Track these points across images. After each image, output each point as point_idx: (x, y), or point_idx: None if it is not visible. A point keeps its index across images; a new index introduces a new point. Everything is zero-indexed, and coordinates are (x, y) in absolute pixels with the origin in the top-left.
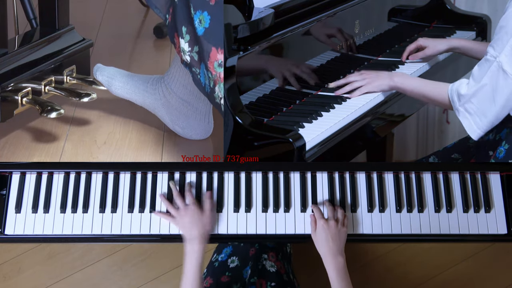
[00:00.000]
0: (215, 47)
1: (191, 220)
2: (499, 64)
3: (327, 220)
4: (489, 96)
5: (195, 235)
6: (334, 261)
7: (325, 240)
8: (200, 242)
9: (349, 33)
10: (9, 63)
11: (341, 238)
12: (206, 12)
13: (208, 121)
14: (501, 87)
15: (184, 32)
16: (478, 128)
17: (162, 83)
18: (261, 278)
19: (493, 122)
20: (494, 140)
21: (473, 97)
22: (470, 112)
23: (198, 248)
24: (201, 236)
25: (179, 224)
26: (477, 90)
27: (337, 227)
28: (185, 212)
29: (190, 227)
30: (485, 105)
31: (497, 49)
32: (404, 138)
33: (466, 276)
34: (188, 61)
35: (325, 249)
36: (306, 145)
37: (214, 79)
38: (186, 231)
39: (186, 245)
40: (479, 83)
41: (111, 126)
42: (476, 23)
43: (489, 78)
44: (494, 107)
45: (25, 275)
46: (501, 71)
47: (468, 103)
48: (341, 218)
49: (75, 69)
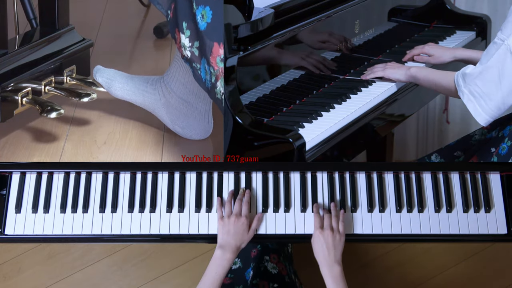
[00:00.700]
0: (217, 42)
1: (236, 231)
2: (507, 47)
3: (323, 229)
4: (495, 79)
5: (233, 245)
6: (330, 270)
7: (320, 250)
8: (233, 252)
9: (349, 33)
10: (9, 63)
11: (337, 247)
12: (208, 7)
13: (208, 121)
14: (508, 70)
15: (184, 27)
16: (483, 112)
17: (162, 83)
18: (263, 279)
19: (499, 107)
20: (497, 137)
21: (478, 78)
22: (474, 95)
23: (230, 257)
24: (237, 248)
25: (224, 228)
26: (482, 71)
27: (333, 235)
28: (236, 221)
29: (232, 237)
30: (491, 87)
31: (505, 31)
32: (404, 138)
33: (466, 276)
34: (188, 56)
35: (320, 258)
36: (306, 145)
37: (216, 74)
38: (226, 237)
39: (217, 251)
40: (485, 64)
41: (111, 126)
42: (476, 23)
43: (496, 60)
44: (500, 90)
45: (25, 275)
46: (509, 53)
47: (473, 85)
48: (335, 226)
49: (75, 69)
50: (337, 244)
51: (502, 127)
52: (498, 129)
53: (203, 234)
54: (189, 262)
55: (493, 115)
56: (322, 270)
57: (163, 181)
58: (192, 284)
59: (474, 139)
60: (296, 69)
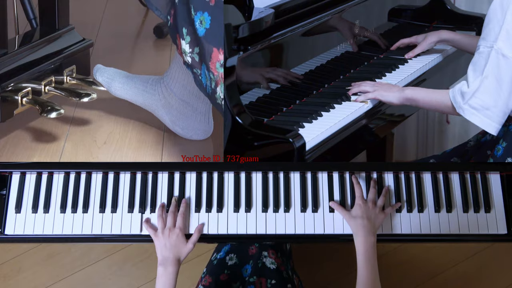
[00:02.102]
0: (216, 47)
1: (172, 244)
2: (498, 51)
3: (367, 201)
4: (494, 85)
5: (171, 258)
6: (365, 239)
7: (360, 217)
8: (175, 265)
9: (349, 33)
10: (9, 63)
11: (375, 220)
12: (206, 13)
13: (208, 121)
14: (504, 73)
15: (184, 33)
16: (491, 120)
17: (162, 84)
18: (261, 276)
19: (505, 111)
20: (492, 140)
21: (477, 91)
22: (476, 107)
23: (172, 270)
24: (176, 259)
25: (160, 243)
26: (480, 84)
27: (375, 209)
28: (171, 234)
29: (169, 250)
30: (492, 95)
31: (489, 39)
32: (404, 138)
33: (466, 276)
34: (189, 62)
35: (358, 225)
36: (306, 145)
37: (216, 79)
38: (163, 252)
39: (159, 268)
40: (481, 76)
41: (111, 126)
42: (476, 23)
43: (490, 67)
44: (502, 94)
45: (25, 275)
46: (501, 56)
47: (472, 98)
48: (381, 203)
49: (75, 69)
50: (376, 219)
51: None
52: None
53: (203, 234)
54: (188, 262)
55: (501, 121)
56: (356, 238)
57: (163, 181)
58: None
59: (469, 145)
60: (296, 69)
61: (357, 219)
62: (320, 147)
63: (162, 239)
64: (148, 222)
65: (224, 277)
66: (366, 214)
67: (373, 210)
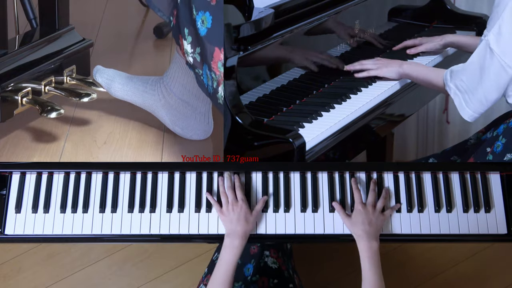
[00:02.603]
0: (218, 47)
1: (239, 217)
2: (487, 42)
3: (365, 204)
4: (477, 73)
5: (239, 231)
6: (368, 244)
7: (361, 223)
8: (242, 238)
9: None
10: (9, 63)
11: (377, 224)
12: (208, 12)
13: (207, 122)
14: (487, 65)
15: (186, 34)
16: (467, 107)
17: (162, 84)
18: (263, 276)
19: (482, 102)
20: (492, 137)
21: (462, 73)
22: (460, 89)
23: (238, 244)
24: (244, 233)
25: (227, 217)
26: (466, 66)
27: (375, 213)
28: (235, 207)
29: (236, 223)
30: (473, 82)
31: (488, 27)
32: (404, 138)
33: (466, 276)
34: (191, 62)
35: (360, 231)
36: (306, 145)
37: (218, 79)
38: (231, 225)
39: (226, 240)
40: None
41: (111, 126)
42: (476, 23)
43: (477, 55)
44: (481, 84)
45: (25, 275)
46: (488, 49)
47: (458, 79)
48: (381, 206)
49: (75, 69)
50: (377, 222)
51: (496, 127)
52: (492, 129)
53: (203, 234)
54: (189, 262)
55: (476, 110)
56: (359, 244)
57: (163, 181)
58: (192, 284)
59: (469, 143)
60: (296, 69)
61: (358, 225)
62: (320, 147)
63: (227, 214)
64: (212, 198)
65: None
66: (367, 219)
67: (374, 214)
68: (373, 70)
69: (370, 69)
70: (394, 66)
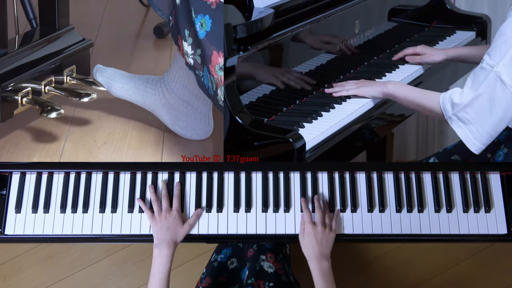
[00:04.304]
0: (216, 50)
1: (169, 226)
2: (497, 74)
3: (315, 224)
4: (486, 107)
5: (168, 240)
6: (319, 265)
7: (310, 244)
8: (169, 247)
9: (349, 33)
10: (9, 63)
11: (328, 243)
12: (207, 15)
13: (208, 121)
14: (498, 98)
15: (186, 35)
16: (475, 139)
17: (162, 83)
18: (259, 278)
19: (491, 134)
20: (493, 143)
21: (468, 106)
22: (464, 121)
23: (167, 253)
24: (172, 242)
25: (157, 225)
26: (472, 100)
27: (325, 232)
28: (168, 216)
29: (165, 232)
30: (482, 115)
31: (494, 58)
32: (404, 138)
33: (466, 276)
34: (191, 64)
35: (310, 252)
36: (306, 145)
37: (216, 82)
38: (159, 234)
39: (155, 250)
40: (475, 92)
41: (111, 126)
42: (476, 23)
43: (486, 88)
44: (491, 118)
45: (25, 275)
46: (499, 81)
47: (462, 112)
48: (329, 222)
49: (75, 69)
50: (328, 240)
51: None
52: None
53: (203, 234)
54: (189, 262)
55: (485, 142)
56: (311, 264)
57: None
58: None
59: None
60: (296, 69)
61: (308, 247)
62: (320, 147)
63: (159, 221)
64: (144, 204)
65: (223, 279)
66: (317, 240)
67: (324, 233)
68: (352, 89)
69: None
70: (377, 86)
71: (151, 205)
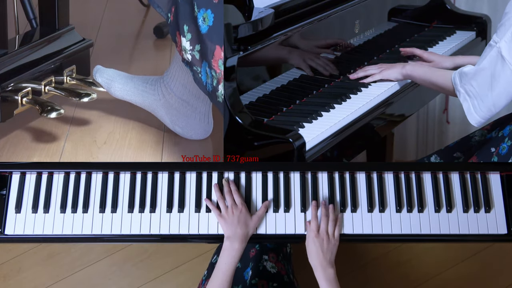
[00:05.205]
0: (219, 45)
1: (239, 220)
2: (499, 49)
3: (319, 234)
4: (487, 81)
5: (239, 233)
6: (324, 273)
7: (315, 252)
8: (241, 241)
9: (349, 33)
10: (9, 63)
11: (331, 250)
12: (210, 10)
13: (208, 121)
14: (498, 73)
15: (185, 31)
16: (475, 112)
17: (162, 83)
18: (263, 279)
19: (490, 109)
20: (497, 137)
21: (473, 79)
22: (469, 94)
23: (238, 247)
24: (244, 235)
25: (227, 221)
26: (476, 72)
27: (329, 241)
28: (235, 210)
29: (237, 226)
30: (483, 89)
31: (499, 34)
32: (404, 138)
33: (466, 276)
34: (189, 59)
35: (315, 261)
36: (306, 145)
37: (218, 77)
38: (231, 229)
39: (226, 242)
40: (479, 65)
41: (111, 126)
42: (476, 23)
43: (488, 62)
44: (491, 92)
45: (25, 275)
46: (500, 57)
47: (468, 85)
48: (331, 230)
49: (75, 69)
50: (332, 248)
51: (502, 127)
52: (498, 129)
53: (203, 234)
54: (189, 262)
55: (484, 116)
56: (316, 273)
57: (163, 181)
58: (192, 284)
59: (474, 140)
60: (296, 69)
61: (312, 256)
62: (320, 147)
63: (228, 217)
64: (211, 203)
65: None
66: (321, 249)
67: (328, 242)
68: (376, 74)
69: (374, 74)
70: (397, 68)
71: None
